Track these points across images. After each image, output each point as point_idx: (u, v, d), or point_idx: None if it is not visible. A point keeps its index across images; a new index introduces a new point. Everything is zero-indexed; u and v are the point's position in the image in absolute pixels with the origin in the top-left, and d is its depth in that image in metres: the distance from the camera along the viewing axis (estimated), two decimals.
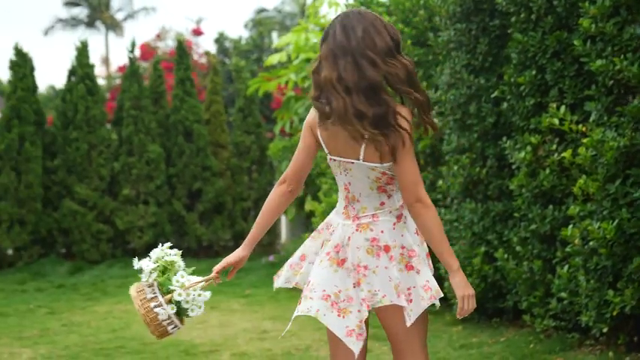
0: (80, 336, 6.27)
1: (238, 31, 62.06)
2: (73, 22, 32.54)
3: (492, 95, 5.24)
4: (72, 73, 11.41)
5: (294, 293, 7.92)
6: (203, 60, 16.32)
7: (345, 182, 2.69)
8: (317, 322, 6.25)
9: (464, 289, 2.59)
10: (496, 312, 5.67)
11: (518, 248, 5.01)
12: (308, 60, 10.35)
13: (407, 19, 6.84)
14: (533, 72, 4.77)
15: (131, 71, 11.42)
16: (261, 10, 23.81)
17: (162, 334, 2.63)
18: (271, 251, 11.28)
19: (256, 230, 2.78)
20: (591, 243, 4.17)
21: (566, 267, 4.50)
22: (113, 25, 32.15)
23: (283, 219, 11.67)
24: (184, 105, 11.58)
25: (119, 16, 32.93)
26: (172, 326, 2.63)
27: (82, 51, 11.39)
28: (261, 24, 20.07)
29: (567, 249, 4.42)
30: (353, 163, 2.62)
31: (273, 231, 11.76)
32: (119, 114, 11.59)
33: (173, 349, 5.58)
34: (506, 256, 5.12)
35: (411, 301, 2.61)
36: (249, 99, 11.99)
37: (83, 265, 10.82)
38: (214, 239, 11.61)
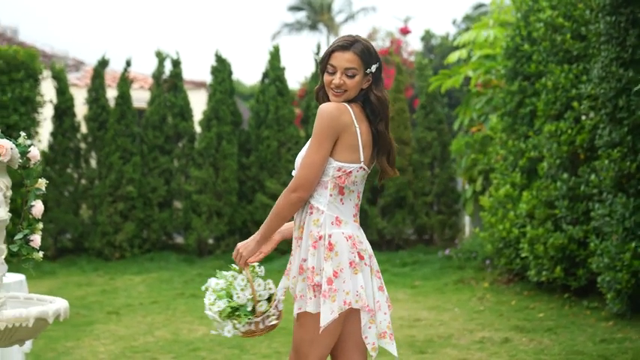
0: None
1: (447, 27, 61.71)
2: (297, 26, 33.63)
3: (635, 89, 5.15)
4: (265, 75, 12.27)
5: (460, 286, 8.09)
6: (412, 58, 16.60)
7: (359, 191, 2.81)
8: (469, 314, 6.42)
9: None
10: None
11: None
12: (486, 56, 10.41)
13: (567, 13, 6.81)
14: None
15: (316, 73, 12.07)
16: (479, 5, 23.37)
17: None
18: (451, 245, 11.43)
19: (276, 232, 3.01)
20: None
21: None
22: (333, 27, 33.09)
23: (466, 215, 11.77)
24: None
25: (340, 17, 33.77)
26: None
27: (275, 55, 12.19)
28: (470, 19, 19.82)
29: None
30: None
31: (455, 226, 11.93)
32: (306, 113, 12.28)
33: None
34: None
35: None
36: (431, 95, 12.19)
37: (274, 254, 11.61)
38: (395, 232, 11.95)
